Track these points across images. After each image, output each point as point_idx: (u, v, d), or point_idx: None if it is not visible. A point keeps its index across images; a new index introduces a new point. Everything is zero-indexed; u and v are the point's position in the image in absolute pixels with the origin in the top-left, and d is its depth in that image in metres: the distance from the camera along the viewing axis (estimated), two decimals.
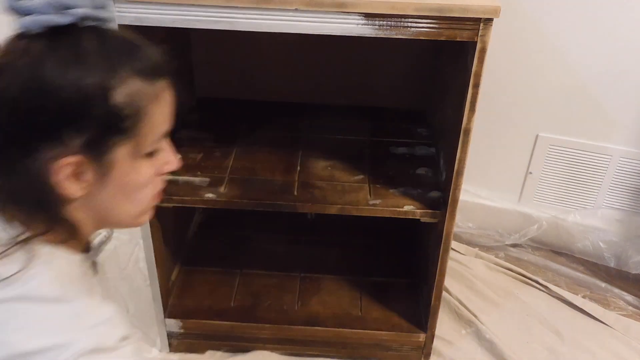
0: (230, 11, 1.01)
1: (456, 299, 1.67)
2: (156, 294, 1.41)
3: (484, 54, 1.04)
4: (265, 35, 1.05)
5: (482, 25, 1.01)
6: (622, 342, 1.59)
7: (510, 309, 1.67)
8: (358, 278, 1.60)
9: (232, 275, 1.60)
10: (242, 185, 1.32)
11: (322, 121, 1.58)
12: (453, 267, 1.76)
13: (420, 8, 0.99)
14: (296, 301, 1.53)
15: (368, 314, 1.50)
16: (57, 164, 0.65)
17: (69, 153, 0.65)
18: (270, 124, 1.56)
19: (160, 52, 0.72)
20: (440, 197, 1.30)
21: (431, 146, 1.49)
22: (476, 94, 1.09)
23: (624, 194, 1.77)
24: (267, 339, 1.49)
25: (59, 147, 0.64)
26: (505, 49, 1.57)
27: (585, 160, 1.75)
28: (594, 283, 1.77)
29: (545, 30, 1.60)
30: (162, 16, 1.02)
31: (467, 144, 1.15)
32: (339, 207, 1.28)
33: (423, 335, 1.45)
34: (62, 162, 0.65)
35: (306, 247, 1.72)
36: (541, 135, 1.75)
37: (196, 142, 1.45)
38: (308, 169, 1.39)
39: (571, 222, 1.82)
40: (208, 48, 1.61)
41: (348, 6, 0.99)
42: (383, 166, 1.41)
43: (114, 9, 0.71)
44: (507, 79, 1.68)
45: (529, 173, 1.82)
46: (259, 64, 1.63)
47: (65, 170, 0.65)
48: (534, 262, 1.84)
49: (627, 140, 1.69)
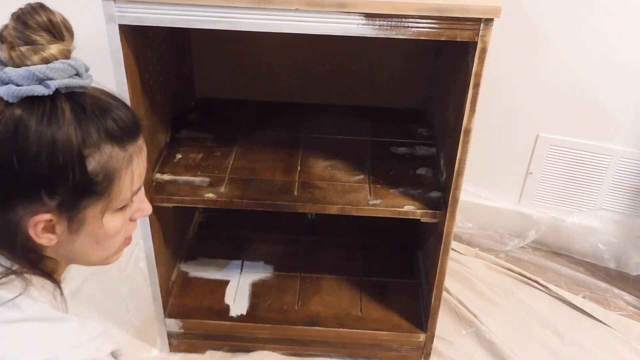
0: (230, 11, 1.01)
1: (456, 299, 1.67)
2: (156, 294, 1.41)
3: (484, 54, 1.04)
4: (265, 35, 1.05)
5: (482, 26, 1.01)
6: (622, 342, 1.59)
7: (510, 309, 1.67)
8: (358, 278, 1.60)
9: (232, 275, 1.60)
10: (242, 185, 1.32)
11: (322, 121, 1.58)
12: (453, 267, 1.76)
13: (420, 8, 0.99)
14: (296, 301, 1.53)
15: (368, 314, 1.50)
16: (32, 220, 0.70)
17: (43, 211, 0.70)
18: (270, 124, 1.56)
19: (131, 112, 0.74)
20: (440, 197, 1.30)
21: (431, 146, 1.49)
22: (476, 94, 1.09)
23: (625, 194, 1.77)
24: (267, 339, 1.49)
25: (35, 205, 0.69)
26: (505, 49, 1.57)
27: (585, 160, 1.75)
28: (594, 283, 1.77)
29: (545, 30, 1.60)
30: (162, 16, 1.02)
31: (468, 144, 1.15)
32: (339, 207, 1.28)
33: (423, 335, 1.45)
34: (37, 219, 0.70)
35: (306, 247, 1.72)
36: (541, 135, 1.75)
37: (196, 142, 1.45)
38: (308, 169, 1.38)
39: (571, 223, 1.82)
40: (208, 48, 1.61)
41: (348, 6, 0.99)
42: (383, 166, 1.40)
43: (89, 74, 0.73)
44: (507, 79, 1.68)
45: (529, 173, 1.82)
46: (259, 64, 1.63)
47: (40, 225, 0.70)
48: (534, 262, 1.84)
49: (628, 141, 1.69)
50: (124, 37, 1.06)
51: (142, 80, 1.18)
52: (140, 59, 1.16)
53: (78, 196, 0.70)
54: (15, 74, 0.66)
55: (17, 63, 0.67)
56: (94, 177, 0.70)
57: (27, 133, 0.65)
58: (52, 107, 0.67)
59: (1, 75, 0.66)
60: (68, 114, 0.67)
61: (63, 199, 0.69)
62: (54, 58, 0.68)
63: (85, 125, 0.68)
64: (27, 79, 0.66)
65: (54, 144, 0.66)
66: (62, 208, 0.70)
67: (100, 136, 0.69)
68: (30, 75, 0.66)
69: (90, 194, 0.71)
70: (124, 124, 0.72)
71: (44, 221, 0.70)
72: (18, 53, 0.67)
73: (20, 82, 0.66)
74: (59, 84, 0.67)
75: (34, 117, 0.66)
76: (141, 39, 1.16)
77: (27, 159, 0.66)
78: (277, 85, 1.66)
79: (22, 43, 0.67)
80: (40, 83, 0.66)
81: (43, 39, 0.67)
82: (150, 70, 1.25)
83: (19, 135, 0.65)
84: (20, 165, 0.66)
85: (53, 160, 0.67)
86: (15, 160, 0.66)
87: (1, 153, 0.66)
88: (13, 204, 0.69)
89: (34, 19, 0.67)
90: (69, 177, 0.68)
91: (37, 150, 0.66)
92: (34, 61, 0.67)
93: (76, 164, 0.68)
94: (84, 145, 0.68)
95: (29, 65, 0.66)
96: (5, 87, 0.66)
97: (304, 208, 1.28)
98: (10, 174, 0.67)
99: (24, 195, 0.69)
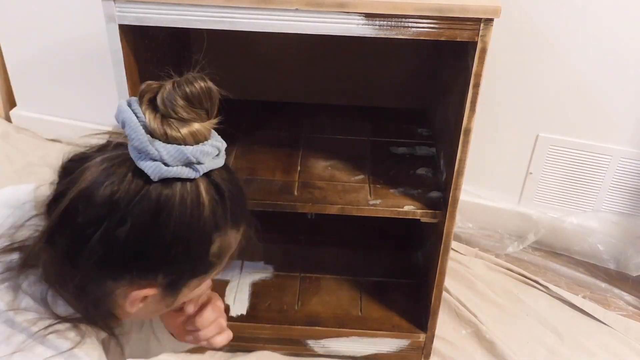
0: (230, 11, 1.01)
1: (456, 299, 1.67)
2: None
3: (484, 54, 1.04)
4: (265, 35, 1.05)
5: (482, 26, 1.01)
6: (622, 342, 1.59)
7: (510, 309, 1.67)
8: (358, 278, 1.60)
9: (232, 275, 1.60)
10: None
11: (322, 121, 1.58)
12: (453, 267, 1.76)
13: (420, 8, 0.99)
14: (296, 301, 1.53)
15: (368, 314, 1.50)
16: (134, 294, 0.65)
17: (150, 286, 0.66)
18: (270, 124, 1.56)
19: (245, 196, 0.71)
20: (440, 197, 1.30)
21: (431, 146, 1.49)
22: (476, 94, 1.09)
23: (625, 194, 1.77)
24: (267, 339, 1.49)
25: (144, 280, 0.65)
26: (505, 49, 1.57)
27: (585, 160, 1.75)
28: (594, 283, 1.77)
29: (545, 30, 1.60)
30: (162, 16, 1.02)
31: (468, 144, 1.15)
32: (339, 207, 1.28)
33: (423, 335, 1.45)
34: (139, 294, 0.65)
35: (306, 247, 1.72)
36: (541, 135, 1.75)
37: None
38: (308, 169, 1.38)
39: (570, 225, 1.82)
40: (208, 48, 1.61)
41: (348, 6, 0.99)
42: (383, 166, 1.40)
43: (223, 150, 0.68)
44: (507, 79, 1.68)
45: (529, 173, 1.82)
46: (259, 64, 1.63)
47: (139, 298, 0.66)
48: (534, 262, 1.84)
49: (628, 141, 1.69)
50: (124, 37, 1.06)
51: (142, 80, 1.18)
52: (140, 59, 1.16)
53: (191, 277, 0.68)
54: (167, 153, 0.60)
55: (168, 137, 0.61)
56: (212, 259, 0.67)
57: (169, 216, 0.61)
58: (195, 191, 0.63)
59: (151, 151, 0.60)
60: (207, 200, 0.63)
61: (175, 278, 0.67)
62: (202, 135, 0.63)
63: (219, 210, 0.65)
64: (177, 160, 0.61)
65: (192, 230, 0.63)
66: (169, 286, 0.67)
67: (228, 223, 0.66)
68: (182, 157, 0.61)
69: (202, 274, 0.69)
70: (243, 208, 0.70)
71: (145, 295, 0.67)
72: (170, 126, 0.61)
73: (169, 162, 0.60)
74: (206, 168, 0.63)
75: (177, 199, 0.61)
76: (141, 39, 1.16)
77: (162, 242, 0.62)
78: (277, 85, 1.65)
79: (175, 116, 0.62)
80: (188, 165, 0.61)
81: (195, 115, 0.63)
82: (150, 70, 1.25)
83: (160, 217, 0.61)
84: (153, 246, 0.63)
85: (187, 247, 0.63)
86: (148, 242, 0.62)
87: (135, 232, 0.61)
88: (123, 276, 0.65)
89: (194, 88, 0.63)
90: (192, 262, 0.65)
91: (175, 235, 0.62)
92: (184, 136, 0.61)
93: (204, 250, 0.65)
94: (215, 232, 0.65)
95: (179, 141, 0.61)
96: (154, 164, 0.60)
97: (304, 208, 1.28)
98: (137, 253, 0.63)
99: (141, 272, 0.65)
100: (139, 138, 0.60)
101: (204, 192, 0.63)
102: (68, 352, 0.64)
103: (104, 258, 0.63)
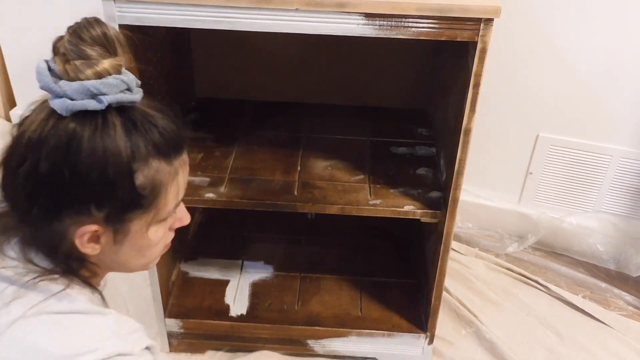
0: (230, 11, 1.01)
1: (456, 299, 1.67)
2: (156, 293, 1.40)
3: (484, 54, 1.04)
4: (265, 35, 1.05)
5: (482, 25, 1.01)
6: (622, 342, 1.59)
7: (510, 309, 1.67)
8: (358, 278, 1.60)
9: (232, 275, 1.60)
10: (242, 185, 1.32)
11: (322, 121, 1.58)
12: (453, 267, 1.76)
13: (420, 8, 0.99)
14: (296, 301, 1.53)
15: (368, 314, 1.50)
16: (79, 230, 0.71)
17: (90, 222, 0.71)
18: (270, 124, 1.56)
19: (178, 126, 0.75)
20: (440, 197, 1.30)
21: (431, 146, 1.49)
22: (476, 94, 1.09)
23: (625, 194, 1.77)
24: (267, 339, 1.49)
25: (83, 216, 0.71)
26: (505, 49, 1.57)
27: (585, 160, 1.75)
28: (594, 283, 1.77)
29: (545, 30, 1.60)
30: (162, 16, 1.02)
31: (468, 144, 1.15)
32: (339, 207, 1.28)
33: (423, 335, 1.45)
34: (84, 230, 0.71)
35: (306, 247, 1.72)
36: (541, 135, 1.75)
37: (196, 142, 1.45)
38: (308, 169, 1.38)
39: (570, 225, 1.82)
40: (208, 48, 1.61)
41: (349, 6, 0.99)
42: (383, 166, 1.40)
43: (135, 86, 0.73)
44: (507, 79, 1.68)
45: (529, 173, 1.82)
46: (259, 64, 1.63)
47: (86, 235, 0.72)
48: (534, 262, 1.84)
49: (628, 141, 1.69)
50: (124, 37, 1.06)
51: (142, 80, 1.18)
52: (140, 59, 1.16)
53: (125, 209, 0.72)
54: (70, 88, 0.66)
55: (72, 77, 0.67)
56: (141, 191, 0.71)
57: (79, 147, 0.67)
58: (104, 122, 0.68)
59: (56, 89, 0.67)
60: (119, 128, 0.69)
61: (110, 211, 0.71)
62: (107, 73, 0.69)
63: (135, 140, 0.70)
64: (81, 94, 0.67)
65: (105, 158, 0.67)
66: (108, 220, 0.72)
67: (149, 151, 0.71)
68: (84, 90, 0.67)
69: (137, 208, 0.73)
70: (171, 138, 0.73)
71: (91, 232, 0.72)
72: (72, 67, 0.67)
73: (74, 97, 0.67)
74: (111, 99, 0.68)
75: (86, 131, 0.67)
76: (141, 39, 1.16)
77: (78, 173, 0.67)
78: (277, 85, 1.66)
79: (77, 57, 0.68)
80: (93, 98, 0.67)
81: (97, 54, 0.68)
82: (150, 70, 1.25)
83: (71, 149, 0.67)
84: (71, 178, 0.67)
85: (103, 175, 0.68)
86: (66, 173, 0.67)
87: (53, 166, 0.67)
88: (61, 214, 0.71)
89: (90, 33, 0.68)
90: (117, 191, 0.70)
91: (88, 165, 0.67)
92: (87, 75, 0.67)
93: (125, 178, 0.69)
94: (133, 159, 0.69)
95: (82, 79, 0.67)
96: (60, 100, 0.67)
97: (304, 208, 1.28)
98: (60, 186, 0.68)
99: (73, 206, 0.70)
100: (43, 79, 0.68)
101: (113, 122, 0.68)
102: (62, 293, 0.71)
103: (37, 196, 0.69)
